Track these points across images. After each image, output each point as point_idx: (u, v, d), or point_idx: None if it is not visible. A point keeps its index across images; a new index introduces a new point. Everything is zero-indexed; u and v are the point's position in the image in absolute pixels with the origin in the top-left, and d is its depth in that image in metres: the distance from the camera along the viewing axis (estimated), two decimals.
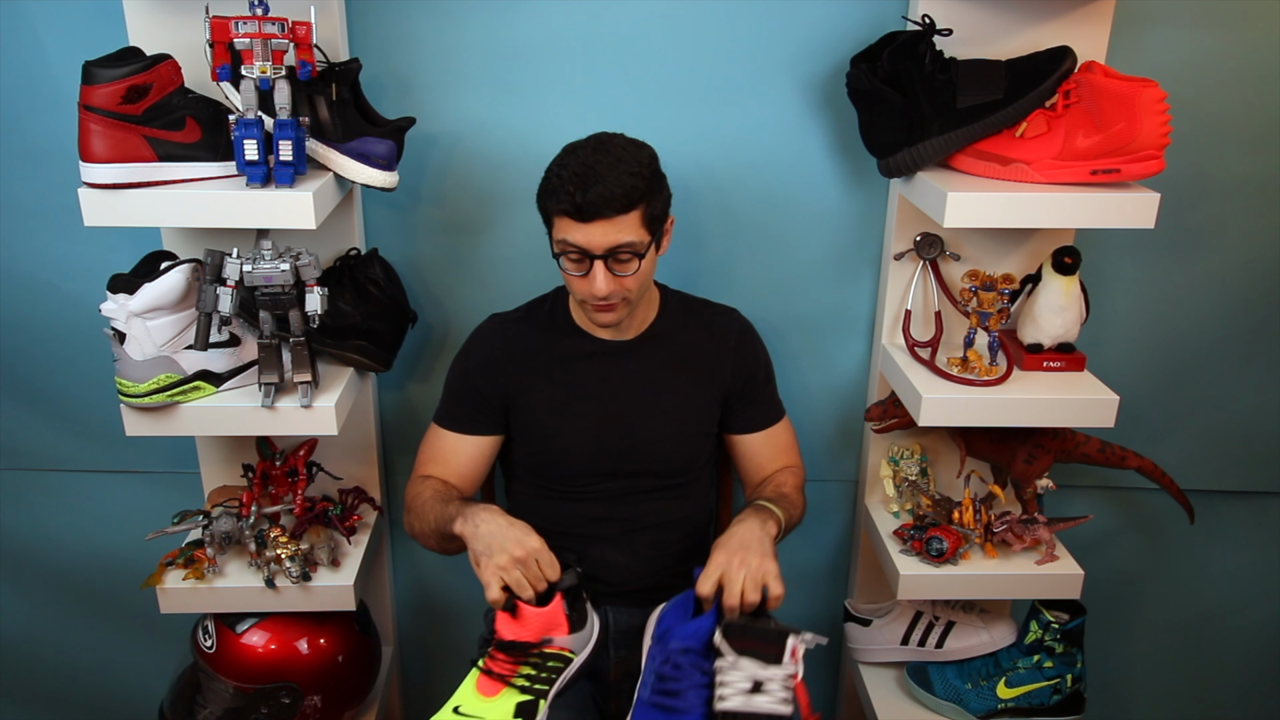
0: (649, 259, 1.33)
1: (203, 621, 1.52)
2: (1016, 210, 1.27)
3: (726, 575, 1.23)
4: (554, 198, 1.28)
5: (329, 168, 1.34)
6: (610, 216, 1.26)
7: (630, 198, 1.26)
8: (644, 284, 1.36)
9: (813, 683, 1.92)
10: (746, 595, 1.21)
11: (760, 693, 1.16)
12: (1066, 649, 1.53)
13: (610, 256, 1.29)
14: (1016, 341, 1.48)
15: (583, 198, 1.24)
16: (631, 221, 1.28)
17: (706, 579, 1.23)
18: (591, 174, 1.25)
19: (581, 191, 1.24)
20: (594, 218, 1.26)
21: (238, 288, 1.28)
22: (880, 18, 1.46)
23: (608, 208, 1.25)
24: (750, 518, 1.32)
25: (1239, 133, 1.52)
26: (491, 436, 1.47)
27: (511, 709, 1.18)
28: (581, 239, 1.27)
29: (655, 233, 1.33)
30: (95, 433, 1.69)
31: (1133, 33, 1.45)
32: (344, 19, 1.44)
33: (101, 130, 1.18)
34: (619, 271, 1.30)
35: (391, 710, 1.86)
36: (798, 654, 1.18)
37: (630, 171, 1.26)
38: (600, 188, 1.24)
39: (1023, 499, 1.51)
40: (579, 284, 1.33)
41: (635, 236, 1.28)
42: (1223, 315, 1.64)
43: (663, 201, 1.34)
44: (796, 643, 1.18)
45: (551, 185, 1.29)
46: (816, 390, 1.70)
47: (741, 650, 1.17)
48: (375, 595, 1.74)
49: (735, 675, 1.17)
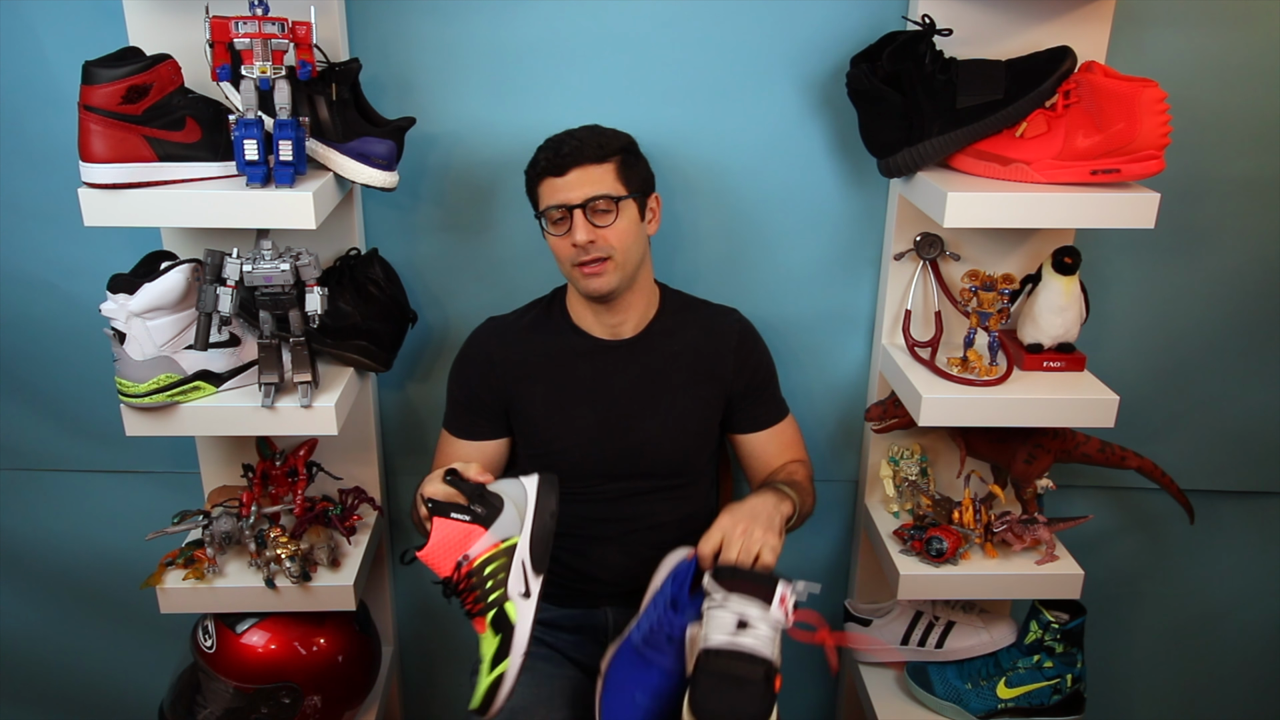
0: (629, 219, 1.37)
1: (203, 621, 1.52)
2: (1016, 210, 1.27)
3: (727, 537, 1.25)
4: (535, 166, 1.39)
5: (329, 168, 1.34)
6: (584, 164, 1.34)
7: (604, 150, 1.35)
8: (627, 245, 1.37)
9: (813, 683, 1.94)
10: (740, 559, 1.22)
11: (746, 631, 1.13)
12: (1066, 649, 1.53)
13: (587, 206, 1.34)
14: (1016, 341, 1.48)
15: (555, 152, 1.35)
16: (606, 172, 1.35)
17: (708, 540, 1.26)
18: (567, 136, 1.37)
19: (555, 149, 1.36)
20: (569, 168, 1.34)
21: (238, 288, 1.28)
22: (880, 18, 1.46)
23: (581, 156, 1.34)
24: (767, 493, 1.35)
25: (1239, 133, 1.52)
26: (498, 440, 1.49)
27: (490, 631, 1.17)
28: (560, 194, 1.35)
29: (634, 192, 1.37)
30: (95, 433, 1.70)
31: (1133, 33, 1.45)
32: (344, 19, 1.44)
33: (101, 130, 1.18)
34: (597, 222, 1.35)
35: (391, 710, 1.86)
36: (787, 601, 1.16)
37: (603, 134, 1.38)
38: (573, 142, 1.35)
39: (1023, 499, 1.51)
40: (562, 246, 1.37)
41: (610, 188, 1.35)
42: (1223, 315, 1.64)
43: (642, 170, 1.41)
44: (786, 590, 1.16)
45: (533, 158, 1.39)
46: (816, 390, 1.70)
47: (731, 589, 1.17)
48: (375, 595, 1.74)
49: (722, 614, 1.15)
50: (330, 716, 1.54)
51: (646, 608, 1.31)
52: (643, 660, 1.25)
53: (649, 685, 1.24)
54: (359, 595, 1.51)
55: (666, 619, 1.24)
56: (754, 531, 1.25)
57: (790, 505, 1.36)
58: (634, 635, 1.29)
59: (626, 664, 1.27)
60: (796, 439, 1.57)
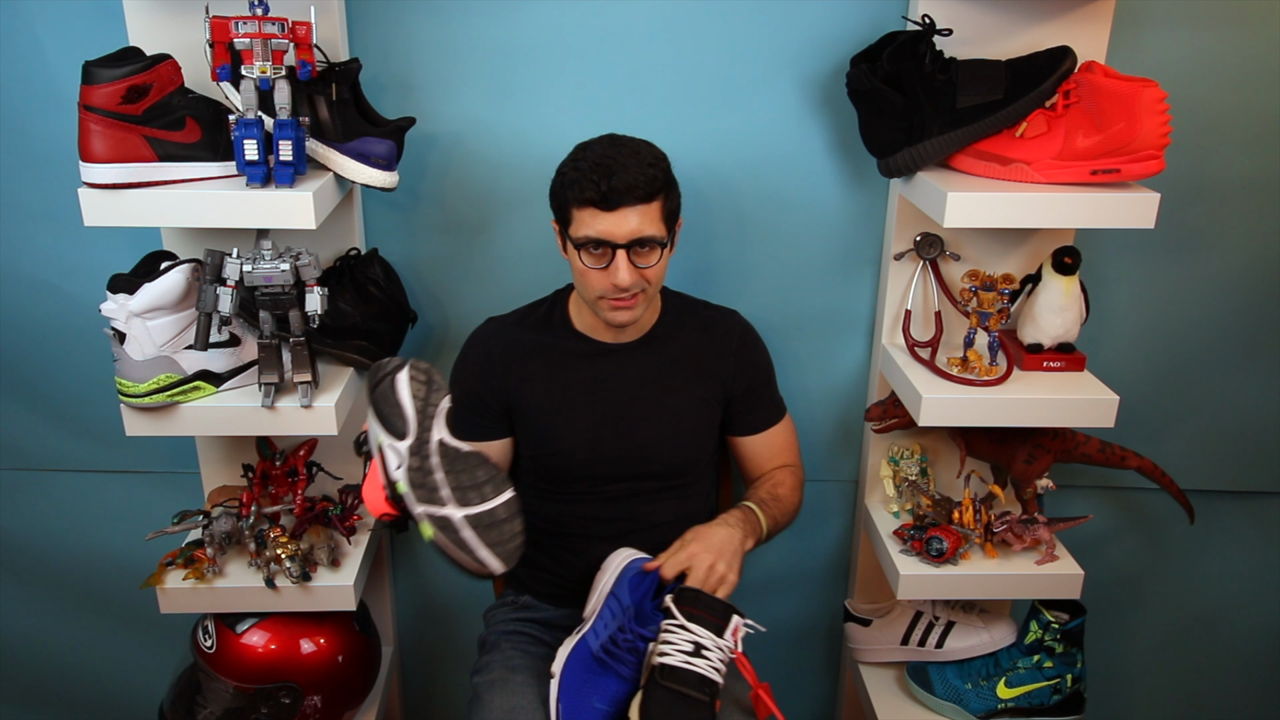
0: (666, 254, 1.35)
1: (203, 621, 1.52)
2: (1016, 210, 1.27)
3: (694, 569, 1.33)
4: (575, 188, 1.29)
5: (329, 168, 1.34)
6: (634, 204, 1.28)
7: (652, 186, 1.29)
8: (660, 279, 1.37)
9: (813, 683, 1.94)
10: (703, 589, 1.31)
11: (700, 656, 1.24)
12: (1066, 649, 1.52)
13: (632, 247, 1.30)
14: (1016, 341, 1.48)
15: (607, 185, 1.26)
16: (653, 212, 1.30)
17: (676, 565, 1.34)
18: (613, 163, 1.27)
19: (606, 180, 1.26)
20: (618, 205, 1.27)
21: (238, 288, 1.28)
22: (880, 18, 1.46)
23: (631, 195, 1.27)
24: (736, 526, 1.40)
25: (1239, 133, 1.52)
26: (500, 441, 1.48)
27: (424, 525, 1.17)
28: (605, 228, 1.28)
29: (670, 228, 1.35)
30: (95, 433, 1.70)
31: (1133, 33, 1.45)
32: (344, 19, 1.44)
33: (101, 130, 1.18)
34: (640, 263, 1.31)
35: (391, 710, 1.86)
36: (738, 633, 1.27)
37: (649, 163, 1.29)
38: (625, 175, 1.26)
39: (1023, 499, 1.51)
40: (597, 278, 1.32)
41: (656, 229, 1.31)
42: (1223, 315, 1.64)
43: (677, 198, 1.37)
44: (739, 623, 1.27)
45: (570, 178, 1.30)
46: (816, 390, 1.70)
47: (690, 616, 1.26)
48: (375, 595, 1.74)
49: (679, 636, 1.25)
50: (330, 716, 1.54)
51: (601, 611, 1.33)
52: (602, 668, 1.28)
53: (609, 693, 1.27)
54: (359, 595, 1.51)
55: (631, 629, 1.28)
56: (718, 568, 1.33)
57: (755, 538, 1.42)
58: (590, 640, 1.31)
59: (584, 669, 1.29)
60: (791, 442, 1.57)
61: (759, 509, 1.45)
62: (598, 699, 1.26)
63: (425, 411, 1.17)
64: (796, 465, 1.57)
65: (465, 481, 1.16)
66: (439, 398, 1.19)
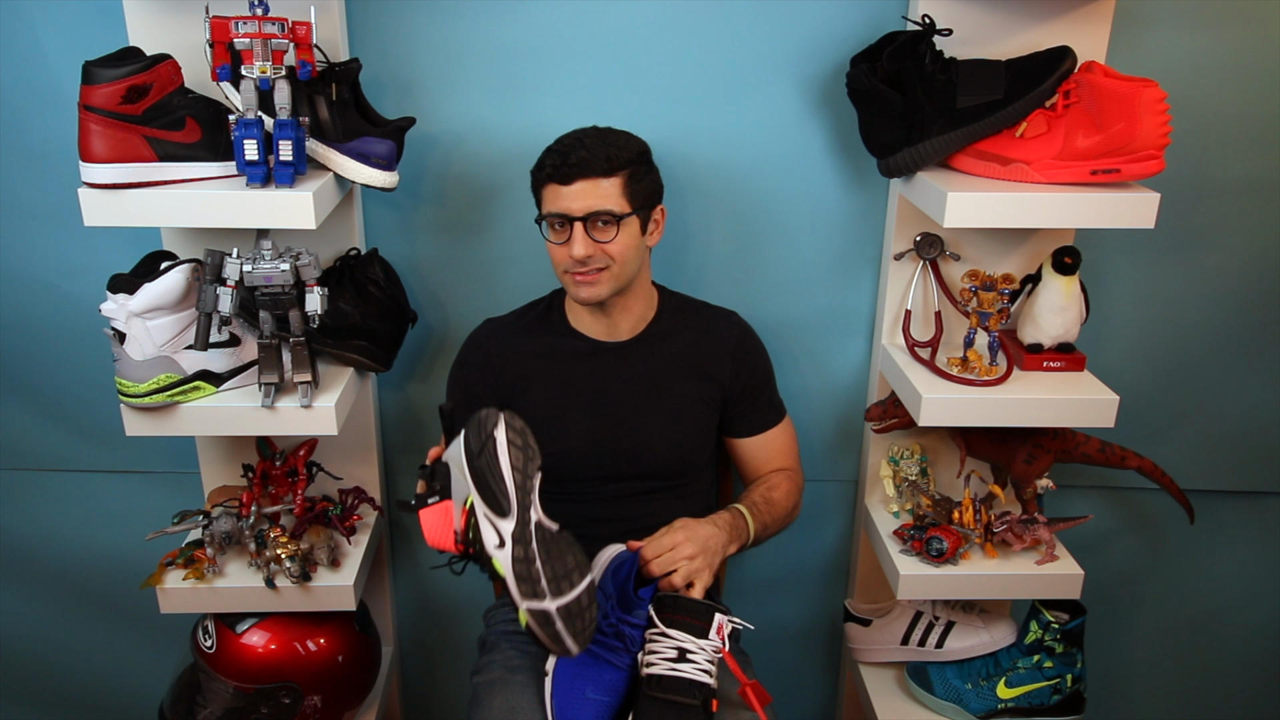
0: (630, 234, 1.36)
1: (203, 621, 1.52)
2: (1016, 210, 1.28)
3: (670, 558, 1.31)
4: (540, 168, 1.36)
5: (329, 168, 1.34)
6: (591, 178, 1.32)
7: (611, 163, 1.33)
8: (626, 258, 1.37)
9: (813, 683, 1.94)
10: (674, 580, 1.30)
11: (685, 661, 1.24)
12: (1066, 649, 1.53)
13: (588, 220, 1.33)
14: (1016, 341, 1.48)
15: (562, 160, 1.32)
16: (611, 187, 1.33)
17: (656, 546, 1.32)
18: (577, 143, 1.34)
19: (563, 155, 1.33)
20: (574, 178, 1.32)
21: (238, 288, 1.28)
22: (880, 18, 1.46)
23: (588, 169, 1.32)
24: (723, 528, 1.38)
25: (1239, 133, 1.52)
26: None
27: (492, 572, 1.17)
28: (564, 204, 1.33)
29: (638, 208, 1.36)
30: (95, 433, 1.69)
31: (1133, 33, 1.45)
32: (344, 19, 1.44)
33: (101, 130, 1.18)
34: (597, 237, 1.34)
35: (391, 710, 1.86)
36: (723, 631, 1.26)
37: (615, 144, 1.34)
38: (582, 151, 1.32)
39: (1023, 499, 1.51)
40: (559, 253, 1.37)
41: (614, 205, 1.33)
42: (1223, 315, 1.64)
43: (649, 184, 1.39)
44: (722, 621, 1.26)
45: (540, 160, 1.37)
46: (816, 390, 1.70)
47: (670, 623, 1.25)
48: (375, 595, 1.74)
49: (663, 644, 1.25)
50: (330, 716, 1.54)
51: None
52: (593, 658, 1.27)
53: (601, 682, 1.27)
54: (359, 595, 1.52)
55: (615, 616, 1.26)
56: (697, 562, 1.31)
57: (739, 543, 1.41)
58: None
59: (575, 663, 1.28)
60: (789, 444, 1.57)
61: (749, 513, 1.44)
62: (590, 689, 1.26)
63: (524, 487, 1.17)
64: (795, 469, 1.57)
65: (559, 570, 1.16)
66: (534, 468, 1.19)
